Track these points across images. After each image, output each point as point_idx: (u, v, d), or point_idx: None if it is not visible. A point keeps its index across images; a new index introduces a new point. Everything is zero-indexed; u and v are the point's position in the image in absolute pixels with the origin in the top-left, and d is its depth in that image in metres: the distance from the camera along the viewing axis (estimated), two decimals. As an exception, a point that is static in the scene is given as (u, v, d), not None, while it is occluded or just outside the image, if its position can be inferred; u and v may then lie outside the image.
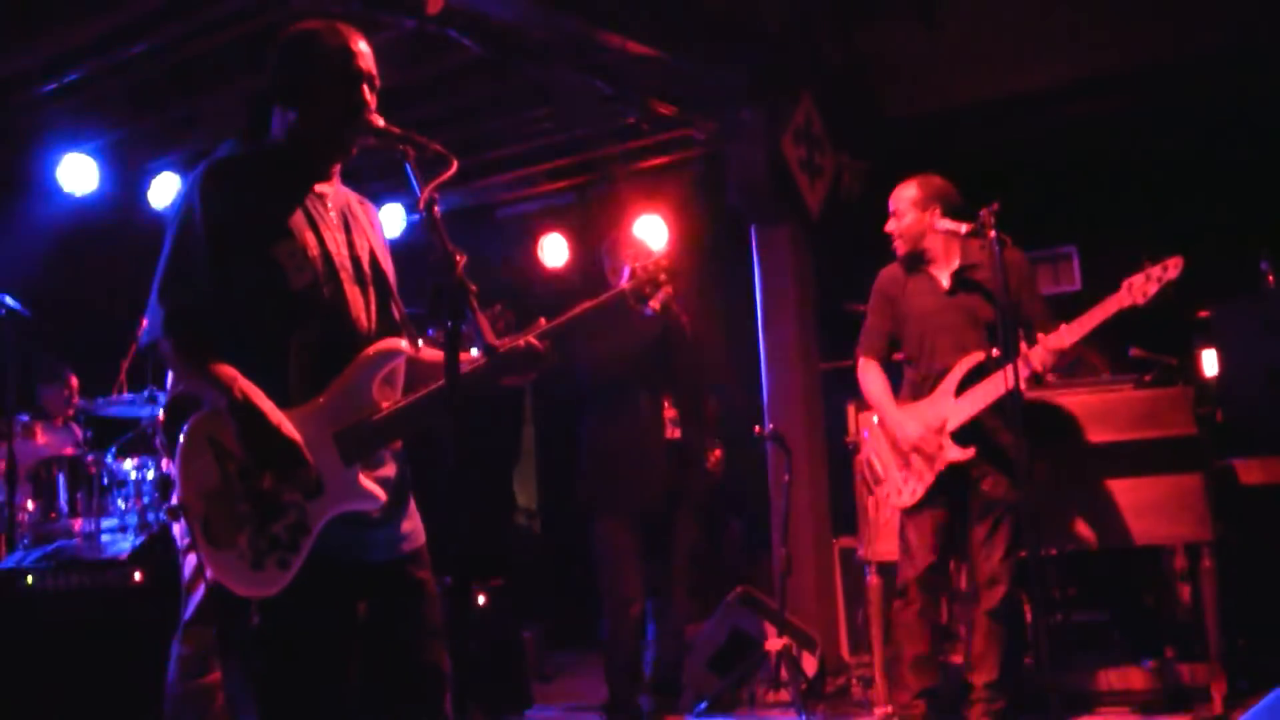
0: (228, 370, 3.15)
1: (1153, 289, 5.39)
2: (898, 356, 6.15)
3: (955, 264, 5.90)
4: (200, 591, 5.27)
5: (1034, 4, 8.63)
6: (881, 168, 9.12)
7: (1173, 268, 5.38)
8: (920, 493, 5.79)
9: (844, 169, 8.99)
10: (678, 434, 6.32)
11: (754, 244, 8.79)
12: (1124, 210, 8.94)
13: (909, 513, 5.89)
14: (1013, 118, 9.33)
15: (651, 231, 9.62)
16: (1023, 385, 5.29)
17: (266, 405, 3.14)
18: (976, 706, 5.77)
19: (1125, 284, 5.46)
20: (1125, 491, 6.30)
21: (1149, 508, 6.27)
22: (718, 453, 6.60)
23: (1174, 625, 6.86)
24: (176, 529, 5.50)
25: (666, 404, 6.29)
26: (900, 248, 6.01)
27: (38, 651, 5.96)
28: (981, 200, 5.51)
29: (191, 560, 5.35)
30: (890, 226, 6.03)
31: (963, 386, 5.73)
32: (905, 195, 5.99)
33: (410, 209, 10.15)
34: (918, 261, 5.99)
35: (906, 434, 5.82)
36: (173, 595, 5.46)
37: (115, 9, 7.30)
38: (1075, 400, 6.45)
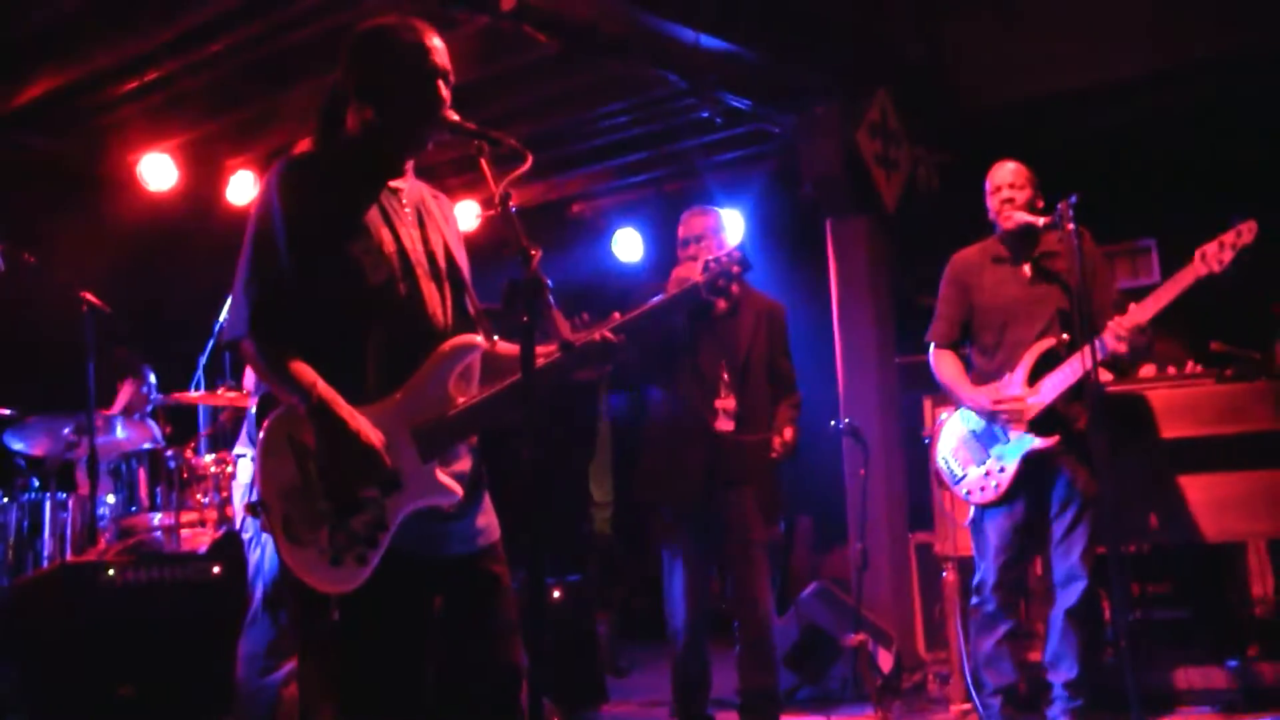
0: (308, 373, 3.16)
1: (1228, 256, 5.26)
2: (966, 350, 6.08)
3: (1034, 252, 5.82)
4: (260, 589, 5.29)
5: (1111, -5, 8.55)
6: (958, 161, 9.08)
7: (1247, 232, 5.25)
8: (1004, 486, 5.71)
9: (920, 162, 8.94)
10: (730, 426, 5.94)
11: (829, 238, 8.77)
12: (1204, 203, 8.79)
13: (988, 509, 5.82)
14: (1091, 110, 9.23)
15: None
16: (1098, 371, 5.21)
17: (346, 410, 3.15)
18: (1055, 705, 5.72)
19: (1199, 252, 5.32)
20: (1206, 487, 6.21)
21: (1231, 503, 6.18)
22: (777, 439, 6.10)
23: (1256, 623, 6.77)
24: (247, 525, 5.51)
25: (723, 391, 6.08)
26: (1013, 223, 5.78)
27: (118, 643, 6.03)
28: (1059, 193, 5.45)
29: (255, 558, 5.37)
30: (1004, 199, 5.80)
31: (1034, 376, 5.66)
32: (1024, 171, 5.83)
33: (486, 204, 10.19)
34: (1020, 241, 5.84)
35: (983, 402, 5.73)
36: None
37: (193, 8, 7.38)
38: (1156, 394, 6.37)
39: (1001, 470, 5.72)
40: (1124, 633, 5.17)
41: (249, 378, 6.19)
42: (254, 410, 5.10)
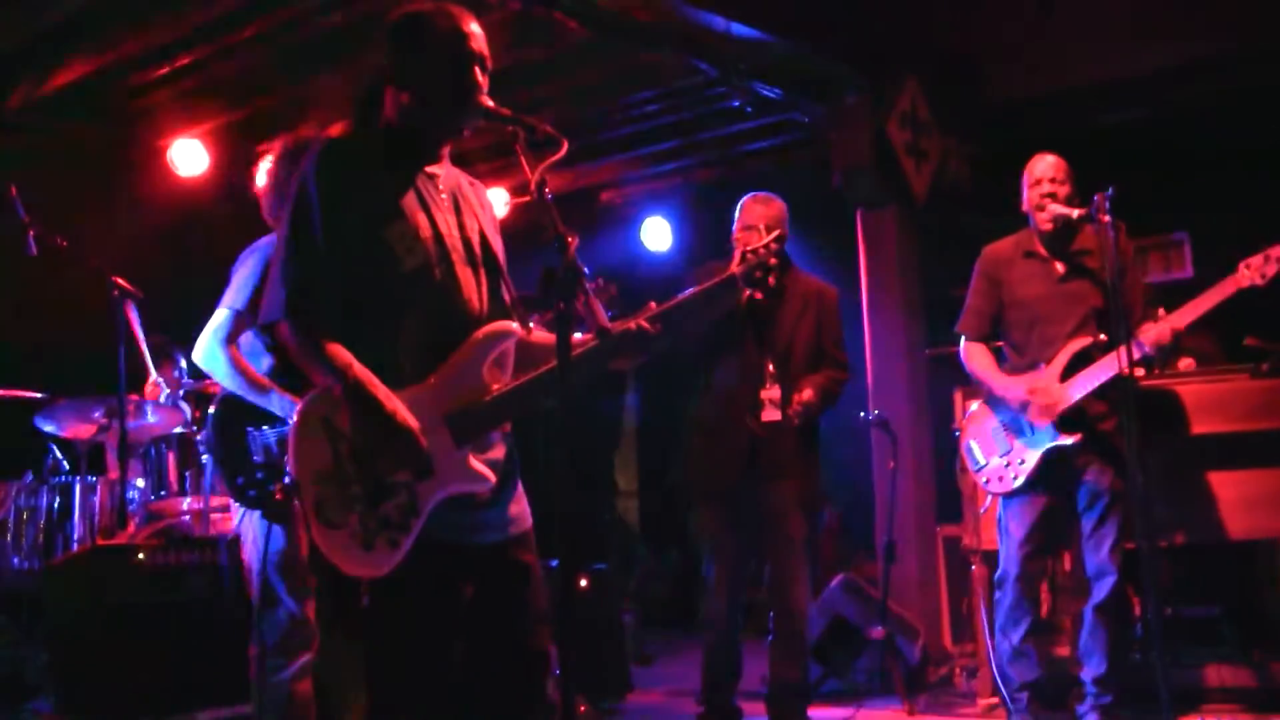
0: (343, 355, 3.16)
1: (1272, 270, 5.27)
2: (997, 344, 6.05)
3: (1069, 249, 5.79)
4: (256, 587, 5.24)
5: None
6: (988, 152, 9.04)
7: None
8: (1023, 477, 5.70)
9: (950, 153, 8.91)
10: (777, 416, 5.92)
11: (859, 228, 8.75)
12: (1237, 196, 8.76)
13: (1009, 499, 5.81)
14: (1123, 102, 9.18)
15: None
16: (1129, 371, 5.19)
17: (382, 392, 3.14)
18: (1084, 701, 5.70)
19: (1243, 265, 5.33)
20: (1238, 484, 6.18)
21: (1263, 501, 6.15)
22: (797, 396, 5.85)
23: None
24: (233, 523, 5.42)
25: (769, 382, 6.09)
26: (1051, 222, 5.74)
27: (147, 626, 6.05)
28: (1091, 186, 5.41)
29: (247, 556, 5.28)
30: (1044, 193, 5.76)
31: (1067, 373, 5.63)
32: (1064, 165, 5.80)
33: (517, 191, 10.18)
34: (1055, 237, 5.80)
35: (1018, 392, 5.70)
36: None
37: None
38: (1187, 389, 6.33)
39: (1022, 462, 5.71)
40: (1155, 629, 5.15)
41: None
42: (213, 412, 5.04)
